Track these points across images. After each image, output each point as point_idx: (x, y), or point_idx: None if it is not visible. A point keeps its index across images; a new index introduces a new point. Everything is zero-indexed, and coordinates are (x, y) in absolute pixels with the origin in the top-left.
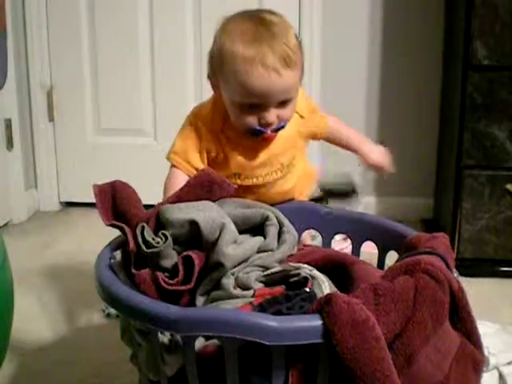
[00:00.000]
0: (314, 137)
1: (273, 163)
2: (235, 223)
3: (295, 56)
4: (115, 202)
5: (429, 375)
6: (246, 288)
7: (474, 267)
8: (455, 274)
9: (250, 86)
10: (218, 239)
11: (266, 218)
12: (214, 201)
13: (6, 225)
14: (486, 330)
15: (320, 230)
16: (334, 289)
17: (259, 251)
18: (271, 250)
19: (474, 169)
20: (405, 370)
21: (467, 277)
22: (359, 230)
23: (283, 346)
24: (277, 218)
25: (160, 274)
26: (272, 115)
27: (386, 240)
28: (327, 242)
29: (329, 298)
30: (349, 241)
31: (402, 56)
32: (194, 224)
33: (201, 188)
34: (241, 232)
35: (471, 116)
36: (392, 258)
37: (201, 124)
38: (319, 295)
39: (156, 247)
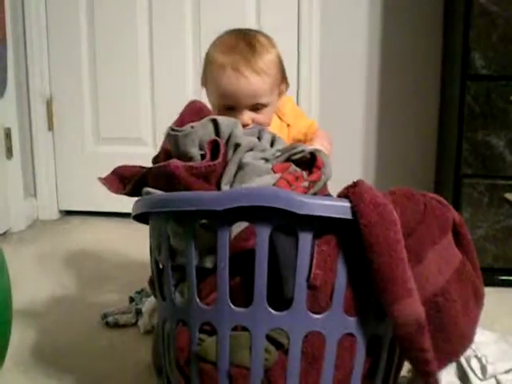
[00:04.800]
0: (304, 140)
1: None
2: None
3: (265, 66)
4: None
5: (433, 276)
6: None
7: None
8: None
9: (222, 87)
10: (231, 132)
11: (262, 130)
12: None
13: (4, 233)
14: (485, 339)
15: None
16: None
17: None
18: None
19: (472, 178)
20: (414, 266)
21: None
22: None
23: (312, 220)
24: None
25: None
26: (245, 117)
27: None
28: None
29: (355, 183)
30: None
31: (400, 66)
32: (214, 122)
33: (195, 114)
34: None
35: (470, 125)
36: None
37: None
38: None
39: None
